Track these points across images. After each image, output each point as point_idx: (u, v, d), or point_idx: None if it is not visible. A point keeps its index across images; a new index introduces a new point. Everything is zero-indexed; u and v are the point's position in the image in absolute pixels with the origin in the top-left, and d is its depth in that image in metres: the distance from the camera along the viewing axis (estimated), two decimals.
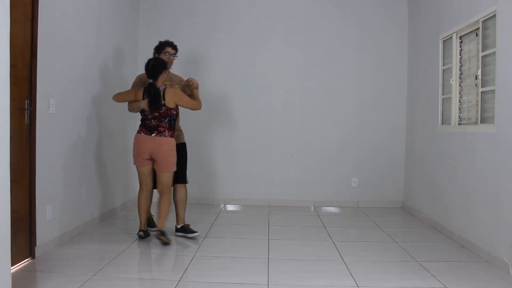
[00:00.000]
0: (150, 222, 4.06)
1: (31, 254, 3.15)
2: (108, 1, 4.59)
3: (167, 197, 3.72)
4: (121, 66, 5.01)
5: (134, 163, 3.79)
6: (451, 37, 4.18)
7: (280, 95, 5.54)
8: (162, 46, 3.88)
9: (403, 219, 4.96)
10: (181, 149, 3.93)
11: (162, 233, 3.60)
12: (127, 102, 3.81)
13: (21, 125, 3.04)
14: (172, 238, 3.88)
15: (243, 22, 5.57)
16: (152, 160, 3.70)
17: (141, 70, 5.57)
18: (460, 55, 4.12)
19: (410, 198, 5.31)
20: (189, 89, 3.88)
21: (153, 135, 3.65)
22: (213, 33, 5.59)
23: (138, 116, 5.56)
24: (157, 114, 3.62)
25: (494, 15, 3.37)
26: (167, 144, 3.66)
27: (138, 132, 3.72)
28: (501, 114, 3.23)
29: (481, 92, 3.60)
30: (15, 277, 2.69)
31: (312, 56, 5.56)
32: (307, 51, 5.57)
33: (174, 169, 3.72)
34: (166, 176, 3.69)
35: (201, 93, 5.61)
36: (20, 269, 2.94)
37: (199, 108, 3.90)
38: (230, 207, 5.34)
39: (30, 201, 3.15)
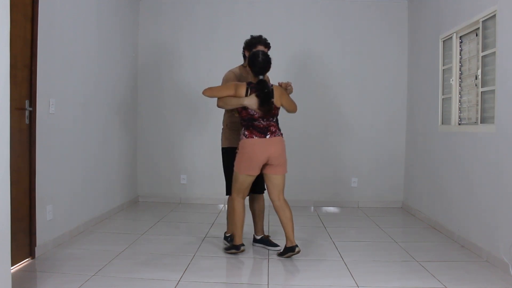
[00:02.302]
0: (266, 240, 3.68)
1: (31, 254, 3.15)
2: (108, 1, 4.59)
3: (288, 206, 3.39)
4: (121, 66, 5.01)
5: (243, 172, 3.30)
6: (451, 37, 4.18)
7: None
8: (254, 44, 3.56)
9: (403, 219, 4.96)
10: None
11: (296, 247, 3.34)
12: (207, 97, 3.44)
13: (21, 125, 3.04)
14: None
15: (243, 22, 5.56)
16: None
17: (141, 70, 5.63)
18: (460, 55, 4.12)
19: (410, 198, 5.31)
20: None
21: (267, 136, 3.28)
22: (213, 33, 5.60)
23: (138, 115, 5.61)
24: (266, 114, 3.28)
25: (494, 15, 3.37)
26: (283, 145, 3.36)
27: (248, 136, 3.27)
28: (501, 114, 3.23)
29: (481, 92, 3.60)
30: (15, 277, 2.69)
31: (311, 56, 5.56)
32: (307, 51, 5.57)
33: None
34: (282, 178, 3.38)
35: (200, 93, 5.60)
36: (20, 269, 2.94)
37: (296, 111, 3.52)
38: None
39: (30, 201, 3.15)
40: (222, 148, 3.63)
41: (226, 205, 3.79)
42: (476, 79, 3.77)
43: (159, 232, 4.08)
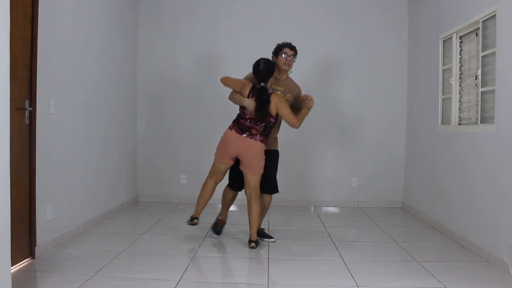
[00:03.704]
0: (262, 233, 3.89)
1: (31, 254, 3.15)
2: (108, 1, 4.59)
3: (256, 204, 3.60)
4: (121, 66, 5.01)
5: (216, 157, 3.68)
6: (451, 37, 4.18)
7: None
8: (280, 48, 3.71)
9: (403, 219, 4.96)
10: (273, 156, 3.75)
11: (255, 243, 3.58)
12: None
13: (21, 125, 3.04)
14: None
15: (243, 22, 5.57)
16: (237, 159, 3.62)
17: (141, 69, 5.63)
18: (460, 55, 4.12)
19: (410, 198, 5.31)
20: (302, 104, 3.64)
21: (243, 135, 3.52)
22: (213, 33, 5.60)
23: (138, 115, 5.61)
24: (259, 119, 3.48)
25: (494, 15, 3.37)
26: (255, 148, 3.51)
27: (230, 128, 3.59)
28: (501, 114, 3.23)
29: (481, 92, 3.60)
30: (15, 277, 2.69)
31: (311, 55, 5.55)
32: (307, 51, 5.55)
33: (261, 172, 3.58)
34: (253, 178, 3.57)
35: (202, 92, 5.60)
36: (20, 269, 2.94)
37: (297, 127, 3.58)
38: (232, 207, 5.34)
39: (30, 201, 3.15)
40: None
41: (222, 194, 3.99)
42: (476, 79, 3.77)
43: (159, 232, 4.08)
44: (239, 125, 3.56)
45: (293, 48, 3.74)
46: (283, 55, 3.69)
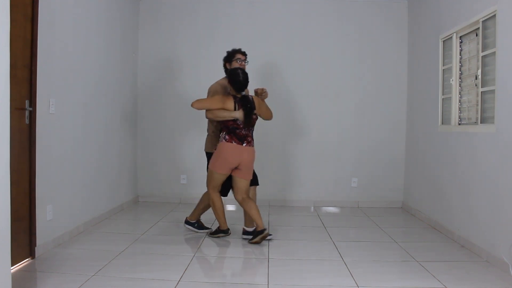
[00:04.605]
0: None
1: (31, 254, 3.15)
2: (108, 1, 4.59)
3: (251, 201, 3.78)
4: (121, 66, 5.01)
5: (217, 170, 3.73)
6: (451, 37, 4.18)
7: (280, 95, 5.53)
8: (232, 55, 3.92)
9: (403, 219, 4.96)
10: None
11: (267, 229, 3.73)
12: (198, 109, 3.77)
13: (21, 125, 3.04)
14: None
15: (243, 22, 5.57)
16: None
17: (141, 70, 5.63)
18: (460, 55, 4.12)
19: (410, 198, 5.31)
20: (260, 98, 3.90)
21: (244, 145, 3.70)
22: (213, 33, 5.60)
23: (138, 115, 5.60)
24: (248, 125, 3.72)
25: (494, 15, 3.37)
26: (253, 154, 3.78)
27: (228, 141, 3.68)
28: (501, 114, 3.23)
29: (481, 92, 3.60)
30: (15, 277, 2.69)
31: (312, 55, 5.56)
32: (307, 51, 5.57)
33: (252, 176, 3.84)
34: (246, 183, 3.79)
35: (202, 92, 5.62)
36: (20, 269, 2.94)
37: (271, 118, 3.97)
38: (229, 207, 5.34)
39: (30, 201, 3.15)
40: (207, 153, 3.97)
41: (201, 197, 4.06)
42: (476, 79, 3.77)
43: (159, 232, 4.08)
44: (236, 135, 3.69)
45: (243, 53, 3.97)
46: (237, 61, 3.91)
